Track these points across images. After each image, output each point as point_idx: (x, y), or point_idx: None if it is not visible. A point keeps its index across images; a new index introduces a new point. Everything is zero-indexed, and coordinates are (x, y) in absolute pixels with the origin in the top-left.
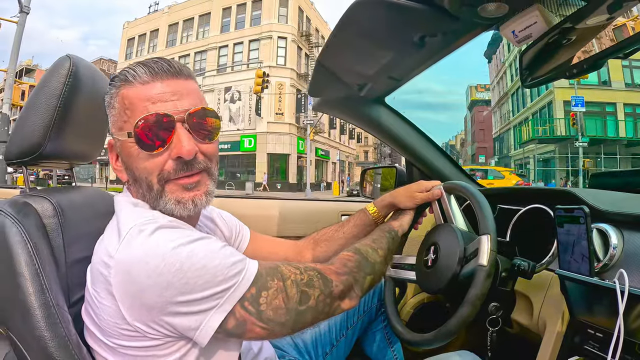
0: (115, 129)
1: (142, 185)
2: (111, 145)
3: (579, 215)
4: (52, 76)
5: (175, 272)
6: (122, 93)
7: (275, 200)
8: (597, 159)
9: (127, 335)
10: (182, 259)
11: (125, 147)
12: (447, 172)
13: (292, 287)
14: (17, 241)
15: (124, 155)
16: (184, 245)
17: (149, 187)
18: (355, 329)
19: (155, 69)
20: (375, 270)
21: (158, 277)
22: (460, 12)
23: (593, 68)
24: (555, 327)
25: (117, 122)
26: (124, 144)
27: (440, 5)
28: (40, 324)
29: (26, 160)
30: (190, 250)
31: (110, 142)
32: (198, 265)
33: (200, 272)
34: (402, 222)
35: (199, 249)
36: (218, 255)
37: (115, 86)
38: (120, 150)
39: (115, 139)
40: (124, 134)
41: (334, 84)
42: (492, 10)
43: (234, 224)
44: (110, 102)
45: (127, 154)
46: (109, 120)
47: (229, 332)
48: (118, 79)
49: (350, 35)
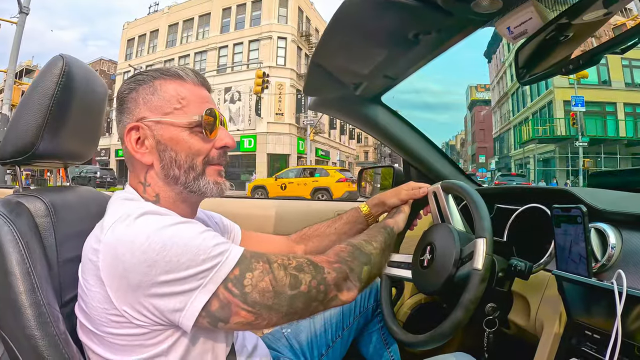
0: (153, 114)
1: (182, 167)
2: (135, 128)
3: (576, 215)
4: (45, 76)
5: (159, 250)
6: (172, 85)
7: (272, 200)
8: (597, 159)
9: (115, 322)
10: (165, 239)
11: (170, 130)
12: (445, 171)
13: (279, 269)
14: (8, 240)
15: (164, 138)
16: (168, 226)
17: (192, 167)
18: (351, 330)
19: (201, 77)
20: (371, 261)
21: (142, 255)
22: (454, 7)
23: (590, 63)
24: (552, 329)
25: (162, 107)
26: (169, 126)
27: (433, 1)
28: (30, 322)
29: (19, 159)
30: (174, 231)
31: (134, 125)
32: (181, 243)
33: (183, 251)
34: (397, 220)
35: (183, 230)
36: (201, 236)
37: (160, 77)
38: (160, 133)
39: (151, 123)
40: (176, 118)
41: (329, 83)
42: (486, 6)
43: (224, 224)
44: (150, 90)
45: (173, 136)
46: (134, 106)
47: (213, 315)
48: (165, 72)
49: (343, 33)
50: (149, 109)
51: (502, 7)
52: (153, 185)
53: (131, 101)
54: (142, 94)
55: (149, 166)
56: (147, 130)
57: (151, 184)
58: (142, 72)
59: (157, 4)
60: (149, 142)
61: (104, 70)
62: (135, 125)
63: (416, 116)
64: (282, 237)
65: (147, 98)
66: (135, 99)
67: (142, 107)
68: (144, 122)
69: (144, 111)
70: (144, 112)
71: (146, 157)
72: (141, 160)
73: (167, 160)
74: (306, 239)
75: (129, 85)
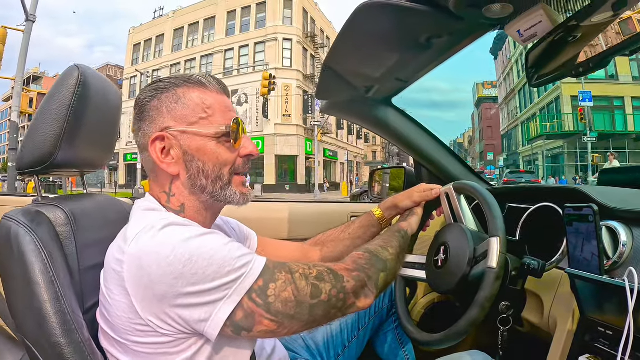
0: (178, 123)
1: (209, 177)
2: (160, 138)
3: (587, 214)
4: (61, 86)
5: (185, 263)
6: (195, 94)
7: (286, 203)
8: (606, 154)
9: (140, 330)
10: (192, 250)
11: (197, 140)
12: (456, 171)
13: (301, 279)
14: (31, 250)
15: (191, 148)
16: (193, 238)
17: (219, 177)
18: (366, 330)
19: (223, 85)
20: (388, 268)
21: (168, 267)
22: (466, 13)
23: (599, 66)
24: (566, 326)
25: (187, 116)
26: (195, 136)
27: (445, 7)
28: (56, 330)
29: (38, 169)
30: (200, 242)
31: (160, 135)
32: (206, 256)
33: (208, 263)
34: (410, 222)
35: (208, 241)
36: (226, 248)
37: (183, 85)
38: (186, 143)
39: (176, 132)
40: (202, 128)
41: (341, 87)
42: (497, 11)
43: (241, 231)
44: (174, 99)
45: (200, 146)
46: (157, 115)
47: (237, 324)
48: (188, 80)
49: (356, 38)
50: (174, 118)
51: (512, 11)
52: (178, 195)
53: (153, 109)
54: (165, 102)
55: (174, 176)
56: (172, 140)
57: (176, 193)
58: (163, 79)
59: (162, 8)
60: (175, 152)
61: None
62: (160, 135)
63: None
64: (297, 243)
65: (171, 107)
66: (158, 108)
67: (167, 116)
68: (169, 131)
69: (169, 120)
70: (169, 121)
71: (172, 168)
72: (167, 171)
73: (194, 170)
74: (321, 244)
75: (150, 92)
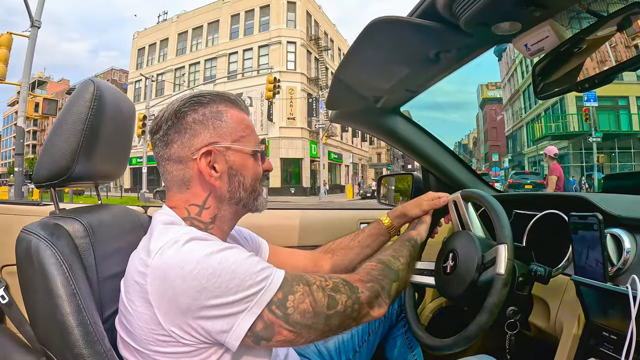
0: (224, 139)
1: (247, 189)
2: (208, 153)
3: (592, 222)
4: (77, 100)
5: (208, 277)
6: (234, 112)
7: (296, 210)
8: (611, 154)
9: (162, 341)
10: (215, 265)
11: (240, 157)
12: (463, 178)
13: (318, 291)
14: (52, 263)
15: (236, 163)
16: (215, 253)
17: (254, 189)
18: (376, 335)
19: (245, 106)
20: (399, 277)
21: (192, 281)
22: (475, 30)
23: (603, 83)
24: (571, 330)
25: (232, 134)
26: (238, 153)
27: (455, 24)
28: (79, 342)
29: (55, 182)
30: (222, 257)
31: (208, 150)
32: (229, 270)
33: (231, 277)
34: (419, 231)
35: (230, 256)
36: (247, 262)
37: (223, 103)
38: (232, 159)
39: (222, 148)
40: (245, 145)
41: (351, 97)
42: (505, 29)
43: (253, 240)
44: (217, 115)
45: (243, 162)
46: (202, 129)
47: (257, 335)
48: (226, 98)
49: (367, 52)
50: (219, 134)
51: (520, 28)
52: (213, 208)
53: (197, 123)
54: (210, 118)
55: (213, 189)
56: (219, 155)
57: (211, 206)
58: (203, 94)
59: (166, 12)
60: (220, 166)
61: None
62: (208, 149)
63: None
64: (307, 252)
65: (216, 123)
66: (203, 122)
67: (212, 132)
68: (216, 147)
69: (215, 136)
70: (215, 137)
71: (217, 181)
72: (214, 184)
73: (235, 184)
74: (331, 252)
75: (190, 106)
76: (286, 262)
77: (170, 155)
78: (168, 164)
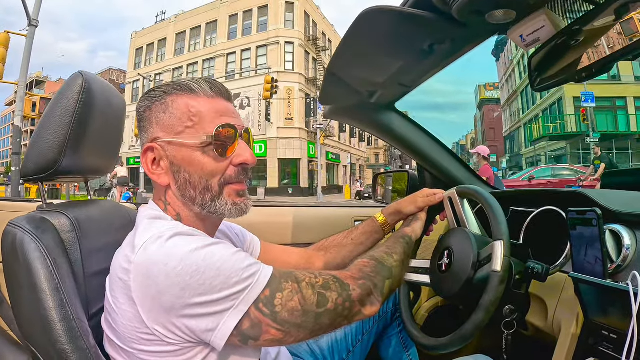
0: (166, 133)
1: (197, 188)
2: (150, 149)
3: (591, 218)
4: (65, 93)
5: (192, 274)
6: (184, 101)
7: (289, 208)
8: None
9: (146, 339)
10: (199, 261)
11: (182, 151)
12: (459, 175)
13: (307, 288)
14: (36, 257)
15: (177, 159)
16: (200, 248)
17: (207, 189)
18: (371, 334)
19: (218, 87)
20: (393, 275)
21: (176, 278)
22: (468, 19)
23: (601, 72)
24: (570, 329)
25: (174, 126)
26: (180, 147)
27: (448, 14)
28: (61, 337)
29: (42, 176)
30: (207, 253)
31: (149, 146)
32: (214, 267)
33: (216, 274)
34: (414, 228)
35: (215, 252)
36: (233, 258)
37: (173, 93)
38: (172, 154)
39: (164, 143)
40: (187, 138)
41: (344, 92)
42: (499, 17)
43: (244, 236)
44: (162, 108)
45: (185, 157)
46: (148, 125)
47: (244, 334)
48: (177, 87)
49: (359, 44)
50: (162, 128)
51: (515, 17)
52: (172, 205)
53: (146, 120)
54: (155, 112)
55: (166, 186)
56: (160, 150)
57: (171, 203)
58: (156, 87)
59: (164, 12)
60: (164, 162)
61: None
62: (150, 145)
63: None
64: (300, 249)
65: (159, 117)
66: (149, 118)
67: (155, 127)
68: (158, 142)
69: (157, 131)
70: (157, 131)
71: (162, 178)
72: (157, 181)
73: (181, 181)
74: (324, 250)
75: (143, 102)
76: (278, 259)
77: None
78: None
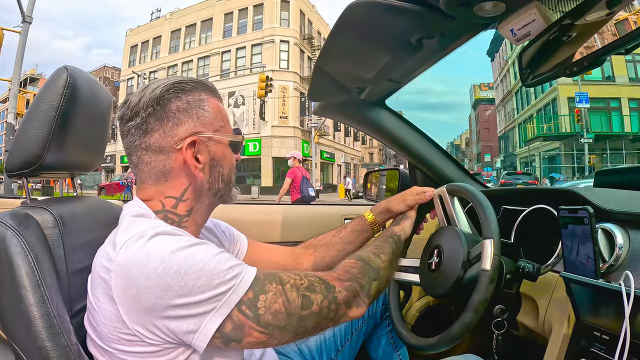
0: (207, 129)
1: (225, 181)
2: (193, 143)
3: (583, 216)
4: (49, 88)
5: (173, 275)
6: (213, 101)
7: (278, 206)
8: (603, 155)
9: (127, 340)
10: (180, 262)
11: (221, 148)
12: (451, 173)
13: (291, 291)
14: (17, 252)
15: (217, 155)
16: (182, 249)
17: (230, 180)
18: (360, 334)
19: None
20: (380, 276)
21: (157, 279)
22: (457, 12)
23: (594, 65)
24: (561, 330)
25: (213, 124)
26: (219, 143)
27: (435, 6)
28: (42, 334)
29: (26, 171)
30: (189, 254)
31: (193, 140)
32: (196, 268)
33: (197, 275)
34: (403, 227)
35: (197, 252)
36: (215, 259)
37: (204, 92)
38: (213, 150)
39: (205, 138)
40: (225, 136)
41: (333, 88)
42: (488, 10)
43: (231, 234)
44: (200, 104)
45: (223, 153)
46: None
47: (227, 336)
48: (206, 87)
49: (346, 38)
50: (203, 123)
51: (504, 10)
52: (190, 200)
53: (181, 111)
54: (194, 106)
55: (194, 181)
56: (202, 145)
57: (189, 198)
58: (185, 80)
59: (159, 10)
60: (203, 157)
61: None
62: (193, 139)
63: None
64: (288, 248)
65: (199, 112)
66: (187, 110)
67: (197, 121)
68: (200, 136)
69: (199, 126)
70: (199, 126)
71: (200, 173)
72: (197, 176)
73: (215, 175)
74: (312, 248)
75: (174, 93)
76: (265, 258)
77: (149, 145)
78: (145, 155)
